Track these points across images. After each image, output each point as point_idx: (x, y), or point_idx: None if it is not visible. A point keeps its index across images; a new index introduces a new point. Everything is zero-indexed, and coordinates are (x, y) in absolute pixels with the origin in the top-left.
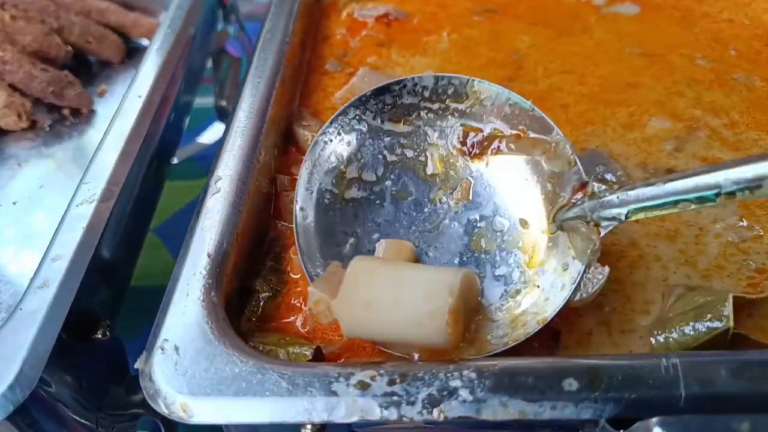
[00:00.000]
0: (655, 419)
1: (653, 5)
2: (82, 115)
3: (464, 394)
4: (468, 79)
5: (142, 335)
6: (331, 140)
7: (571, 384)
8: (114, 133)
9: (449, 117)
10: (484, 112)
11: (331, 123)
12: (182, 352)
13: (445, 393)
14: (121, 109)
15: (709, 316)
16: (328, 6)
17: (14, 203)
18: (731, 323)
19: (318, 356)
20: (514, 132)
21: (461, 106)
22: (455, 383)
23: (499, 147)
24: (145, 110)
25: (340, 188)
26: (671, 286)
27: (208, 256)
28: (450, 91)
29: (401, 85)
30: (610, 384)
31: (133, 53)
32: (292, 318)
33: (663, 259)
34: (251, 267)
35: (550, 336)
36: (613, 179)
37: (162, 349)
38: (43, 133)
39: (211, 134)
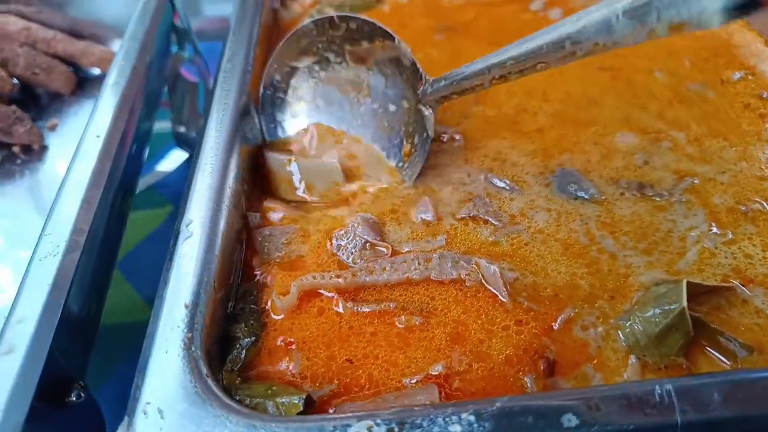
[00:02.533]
0: None
1: None
2: (33, 152)
3: None
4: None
5: (111, 379)
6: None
7: (570, 420)
8: (73, 179)
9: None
10: None
11: None
12: (166, 415)
13: None
14: (79, 151)
15: (666, 300)
16: (287, 29)
17: None
18: (684, 303)
19: (309, 404)
20: None
21: None
22: (455, 428)
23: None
24: (105, 150)
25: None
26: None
27: (186, 307)
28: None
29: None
30: (609, 416)
31: (84, 83)
32: (278, 363)
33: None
34: (228, 312)
35: (547, 368)
36: (585, 196)
37: (145, 413)
38: None
39: (169, 162)
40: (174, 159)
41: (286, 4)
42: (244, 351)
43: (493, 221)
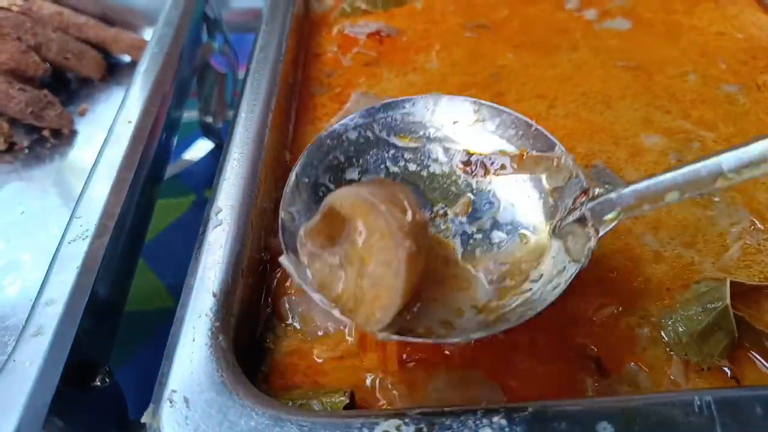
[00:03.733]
0: None
1: (644, 20)
2: (62, 136)
3: None
4: (474, 101)
5: (131, 365)
6: (335, 141)
7: (605, 428)
8: (105, 163)
9: (454, 136)
10: (487, 131)
11: (338, 124)
12: (192, 404)
13: None
14: (111, 136)
15: (708, 298)
16: (319, 21)
17: None
18: (727, 300)
19: (353, 401)
20: (517, 151)
21: (466, 126)
22: (485, 431)
23: (502, 165)
24: (137, 136)
25: (338, 186)
26: None
27: (214, 296)
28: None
29: (411, 102)
30: (645, 426)
31: (114, 70)
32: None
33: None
34: (258, 310)
35: (596, 367)
36: None
37: (170, 402)
38: (22, 156)
39: (195, 151)
40: (200, 148)
41: None
42: (276, 359)
43: None
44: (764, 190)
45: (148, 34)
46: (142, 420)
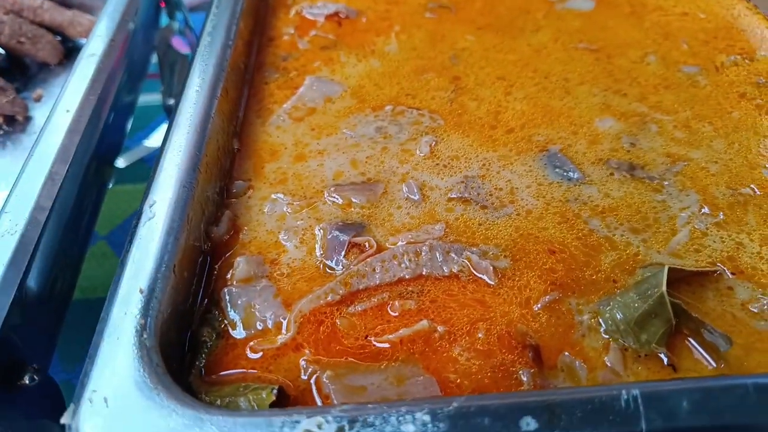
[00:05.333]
0: None
1: (607, 1)
2: (17, 123)
3: None
4: None
5: None
6: None
7: (528, 423)
8: (38, 155)
9: None
10: None
11: None
12: (112, 404)
13: None
14: (47, 127)
15: (646, 285)
16: (276, 2)
17: None
18: (663, 287)
19: (283, 397)
20: None
21: None
22: (408, 428)
23: None
24: (75, 125)
25: None
26: None
27: (141, 292)
28: None
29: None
30: (570, 422)
31: (72, 54)
32: (249, 357)
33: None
34: (190, 306)
35: (534, 356)
36: (573, 177)
37: (90, 401)
38: None
39: (160, 135)
40: (164, 132)
41: None
42: (208, 353)
43: (483, 203)
44: (714, 174)
45: None
46: (62, 421)
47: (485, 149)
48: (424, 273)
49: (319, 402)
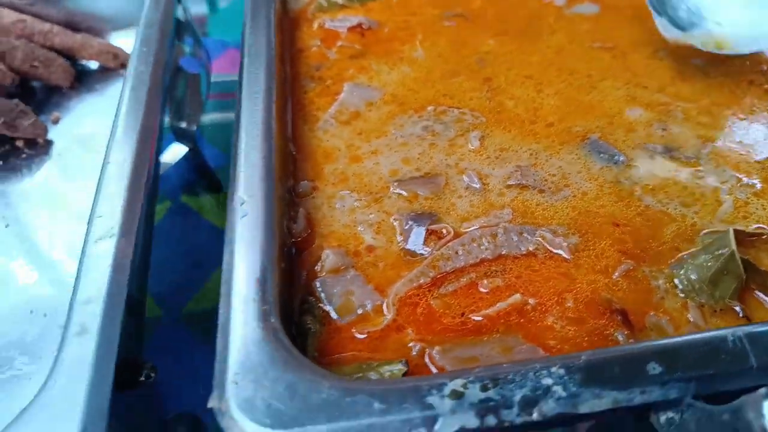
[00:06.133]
0: (763, 389)
1: (610, 5)
2: (37, 146)
3: (558, 390)
4: None
5: None
6: None
7: (654, 368)
8: (115, 162)
9: None
10: None
11: None
12: (259, 384)
13: (539, 392)
14: (115, 135)
15: (715, 247)
16: (297, 17)
17: None
18: (733, 246)
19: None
20: None
21: None
22: (547, 381)
23: None
24: (141, 137)
25: None
26: None
27: (258, 282)
28: None
29: None
30: (688, 363)
31: (81, 76)
32: (356, 340)
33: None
34: (294, 294)
35: (624, 319)
36: (619, 159)
37: (236, 383)
38: None
39: (169, 155)
40: (173, 153)
41: None
42: (316, 339)
43: (540, 188)
44: (742, 153)
45: (113, 39)
46: (209, 405)
47: (530, 141)
48: (503, 253)
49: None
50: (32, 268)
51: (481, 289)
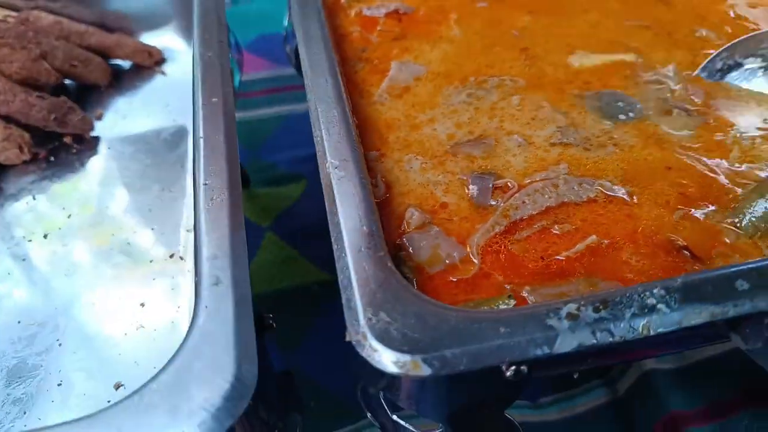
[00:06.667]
0: None
1: None
2: (85, 141)
3: (662, 307)
4: None
5: None
6: None
7: (742, 284)
8: (208, 136)
9: None
10: None
11: None
12: (392, 316)
13: (645, 310)
14: (200, 112)
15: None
16: (333, 5)
17: (45, 236)
18: None
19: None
20: None
21: None
22: (651, 300)
23: None
24: (227, 109)
25: None
26: None
27: (367, 234)
28: None
29: None
30: None
31: (116, 75)
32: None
33: None
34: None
35: (692, 257)
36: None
37: (370, 319)
38: (47, 164)
39: None
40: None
41: None
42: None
43: (585, 146)
44: None
45: (145, 38)
46: (347, 339)
47: (568, 105)
48: (565, 201)
49: None
50: (97, 259)
51: (555, 232)
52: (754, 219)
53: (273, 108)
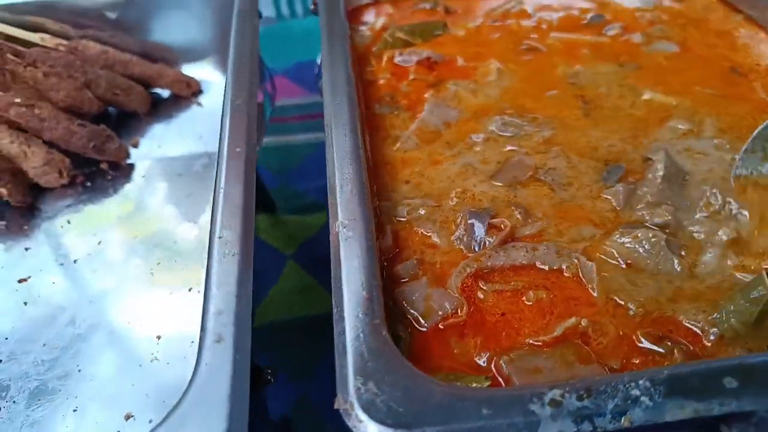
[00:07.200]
0: None
1: (687, 46)
2: (120, 168)
3: (646, 400)
4: None
5: None
6: None
7: (730, 382)
8: (229, 185)
9: None
10: None
11: None
12: (381, 387)
13: (628, 402)
14: (222, 162)
15: (749, 290)
16: (365, 51)
17: (75, 261)
18: None
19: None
20: None
21: None
22: (635, 392)
23: None
24: (248, 162)
25: None
26: None
27: (367, 299)
28: None
29: None
30: (763, 378)
31: (154, 103)
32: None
33: None
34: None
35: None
36: None
37: (359, 387)
38: (84, 189)
39: None
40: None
41: (356, 29)
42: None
43: None
44: None
45: (185, 69)
46: (335, 407)
47: None
48: (537, 264)
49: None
50: (127, 287)
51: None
52: (733, 323)
53: (306, 135)
